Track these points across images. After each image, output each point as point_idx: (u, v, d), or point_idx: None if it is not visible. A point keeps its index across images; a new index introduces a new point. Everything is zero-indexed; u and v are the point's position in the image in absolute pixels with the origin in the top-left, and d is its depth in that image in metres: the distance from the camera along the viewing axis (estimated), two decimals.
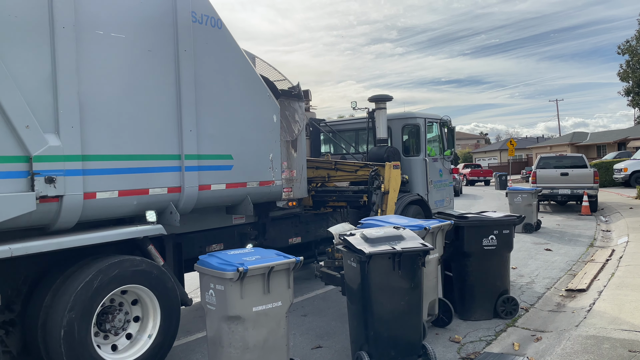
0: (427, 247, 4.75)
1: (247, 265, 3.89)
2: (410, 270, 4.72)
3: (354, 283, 4.83)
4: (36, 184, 3.74)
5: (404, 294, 4.69)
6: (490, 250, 5.99)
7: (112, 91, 4.34)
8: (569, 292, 7.06)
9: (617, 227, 12.77)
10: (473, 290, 6.04)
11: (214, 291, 4.01)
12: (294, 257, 4.21)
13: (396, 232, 4.99)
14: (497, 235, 5.99)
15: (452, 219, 6.20)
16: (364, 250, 4.54)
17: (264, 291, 4.00)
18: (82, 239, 3.97)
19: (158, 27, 4.70)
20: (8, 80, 3.64)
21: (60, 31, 3.95)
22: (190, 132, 4.87)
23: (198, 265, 4.21)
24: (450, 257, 6.17)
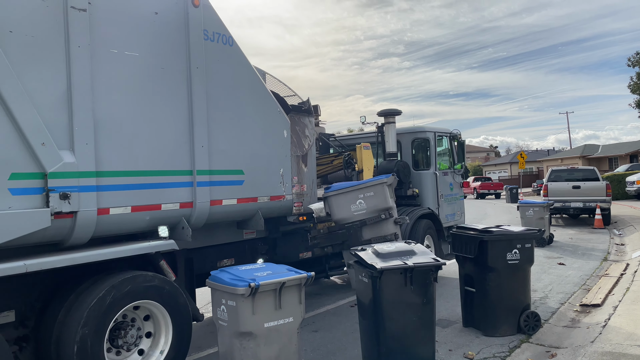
0: (439, 262, 4.68)
1: (258, 280, 3.88)
2: (423, 286, 4.66)
3: (366, 298, 4.78)
4: (51, 200, 3.78)
5: (416, 309, 4.64)
6: (514, 265, 5.89)
7: (125, 108, 4.40)
8: (584, 307, 6.97)
9: (631, 241, 12.68)
10: (498, 306, 5.93)
11: (226, 307, 4.00)
12: (305, 272, 4.18)
13: (407, 247, 4.94)
14: (520, 250, 5.90)
15: (461, 231, 6.19)
16: (376, 266, 4.50)
17: (276, 307, 3.98)
18: (95, 254, 4.00)
19: (171, 45, 4.77)
20: (25, 98, 3.70)
21: (76, 50, 4.02)
22: (202, 148, 4.91)
23: (210, 280, 4.19)
24: (473, 272, 6.08)
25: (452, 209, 10.11)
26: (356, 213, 6.20)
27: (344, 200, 6.19)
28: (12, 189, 3.63)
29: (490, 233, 5.96)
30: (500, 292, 5.92)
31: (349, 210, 6.21)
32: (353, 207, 6.16)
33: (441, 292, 7.61)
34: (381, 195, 6.18)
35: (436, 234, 8.92)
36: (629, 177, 26.51)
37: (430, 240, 8.77)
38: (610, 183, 18.45)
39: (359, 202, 6.16)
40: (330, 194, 6.26)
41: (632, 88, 33.89)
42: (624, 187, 26.29)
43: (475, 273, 6.09)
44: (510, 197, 31.71)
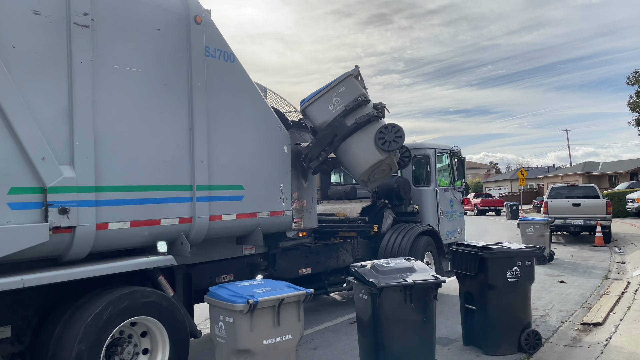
0: (439, 280, 4.67)
1: (257, 297, 3.86)
2: (422, 303, 4.64)
3: (365, 315, 4.76)
4: (50, 215, 3.77)
5: (416, 327, 4.62)
6: (514, 282, 5.87)
7: (126, 123, 4.41)
8: (585, 326, 6.95)
9: (632, 259, 12.69)
10: (498, 324, 5.90)
11: (224, 323, 3.96)
12: (304, 289, 4.15)
13: (407, 263, 4.94)
14: (520, 267, 5.89)
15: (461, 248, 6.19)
16: (375, 283, 4.48)
17: (274, 324, 3.95)
18: (93, 269, 3.97)
19: (172, 61, 4.80)
20: (26, 113, 3.72)
21: (78, 66, 4.05)
22: (202, 163, 4.91)
23: (208, 297, 4.16)
24: (473, 289, 6.06)
25: (453, 225, 10.08)
26: (334, 110, 6.49)
27: (321, 104, 6.51)
28: (11, 203, 3.62)
29: (491, 250, 5.94)
30: (500, 310, 5.89)
31: (329, 111, 6.50)
32: (330, 107, 6.47)
33: (441, 309, 7.59)
34: (352, 86, 6.54)
35: (436, 250, 8.89)
36: (629, 195, 26.60)
37: (430, 257, 8.74)
38: (610, 200, 18.51)
39: (335, 99, 6.47)
40: (307, 104, 6.56)
41: (632, 106, 34.12)
42: (625, 204, 26.35)
43: (475, 290, 6.06)
44: (510, 214, 31.74)
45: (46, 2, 3.94)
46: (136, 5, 4.57)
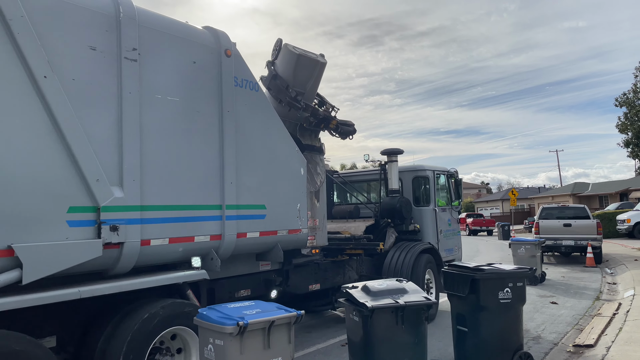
0: (431, 302, 4.77)
1: (247, 319, 3.89)
2: (414, 325, 4.69)
3: (356, 337, 4.82)
4: (102, 232, 4.29)
5: (408, 349, 4.66)
6: (505, 304, 5.92)
7: (166, 147, 4.97)
8: (577, 348, 7.09)
9: (623, 280, 13.00)
10: (490, 346, 5.94)
11: (213, 346, 3.99)
12: (295, 310, 4.23)
13: (399, 285, 5.01)
14: (511, 288, 5.95)
15: (452, 269, 6.33)
16: (367, 304, 4.55)
17: (265, 346, 3.98)
18: (140, 282, 4.51)
19: (206, 91, 5.39)
20: (84, 139, 4.25)
21: (127, 96, 4.61)
22: (230, 184, 5.48)
23: (197, 318, 4.22)
24: (465, 311, 6.13)
25: (451, 243, 10.73)
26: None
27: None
28: (70, 221, 4.13)
29: (482, 271, 6.01)
30: (492, 332, 5.94)
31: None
32: None
33: (433, 331, 7.71)
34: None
35: (436, 268, 9.44)
36: (619, 216, 27.46)
37: (431, 274, 9.30)
38: (601, 221, 19.05)
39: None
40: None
41: (620, 128, 35.40)
42: (615, 225, 27.17)
43: (467, 312, 6.11)
44: (502, 234, 32.26)
45: (101, 39, 4.50)
46: (175, 40, 5.17)
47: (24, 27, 3.95)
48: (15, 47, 3.92)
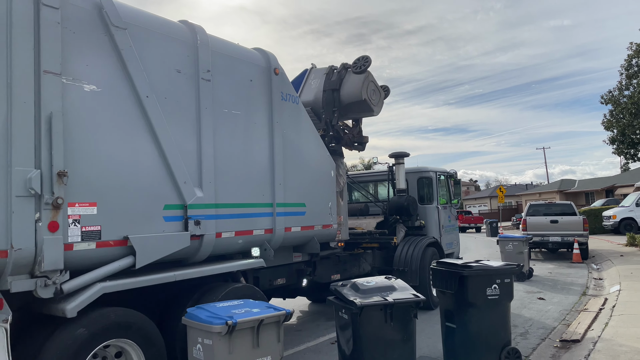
0: (420, 299, 4.99)
1: (236, 318, 4.03)
2: (403, 322, 4.90)
3: (346, 335, 5.04)
4: (189, 226, 5.44)
5: (397, 346, 4.87)
6: (493, 300, 6.18)
7: (231, 154, 6.13)
8: (564, 343, 7.50)
9: (609, 275, 13.84)
10: (478, 342, 6.21)
11: (202, 345, 4.11)
12: (284, 309, 4.43)
13: (388, 282, 5.24)
14: (499, 285, 6.20)
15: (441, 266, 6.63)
16: (356, 302, 4.75)
17: (253, 345, 4.13)
18: (221, 267, 5.74)
19: (260, 104, 6.60)
20: (175, 148, 5.39)
21: (204, 111, 5.77)
22: (279, 185, 6.70)
23: (186, 318, 4.39)
24: (453, 308, 6.41)
25: (451, 238, 12.24)
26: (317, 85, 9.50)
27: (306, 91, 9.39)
28: (165, 217, 5.28)
29: (470, 268, 6.24)
30: (480, 328, 6.19)
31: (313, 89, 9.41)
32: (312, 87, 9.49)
33: (423, 327, 8.17)
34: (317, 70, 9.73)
35: None
36: (605, 212, 28.93)
37: None
38: (587, 217, 20.12)
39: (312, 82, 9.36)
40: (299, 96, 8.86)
41: (606, 125, 37.09)
42: (601, 221, 28.63)
43: (455, 308, 6.37)
44: (490, 231, 33.68)
45: (184, 62, 5.64)
46: (237, 61, 6.36)
47: (131, 55, 5.08)
48: (125, 72, 5.03)
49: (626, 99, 34.96)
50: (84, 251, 4.53)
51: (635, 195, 28.22)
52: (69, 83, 4.54)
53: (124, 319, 4.70)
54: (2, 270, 4.03)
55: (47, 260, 4.18)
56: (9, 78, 4.12)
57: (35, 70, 4.28)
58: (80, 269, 4.55)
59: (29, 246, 4.10)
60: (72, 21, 4.65)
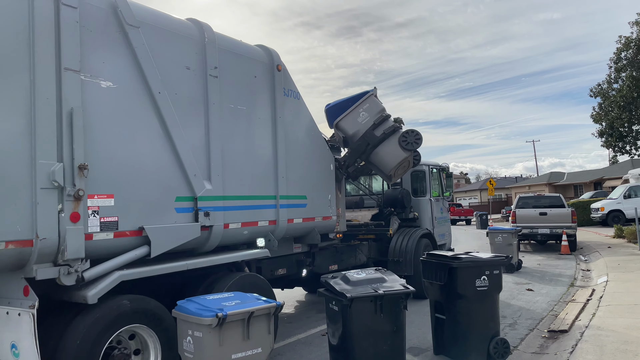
0: (409, 290, 5.11)
1: (226, 310, 4.06)
2: (393, 313, 4.99)
3: (336, 326, 5.13)
4: (199, 217, 5.76)
5: (387, 337, 4.96)
6: (482, 291, 6.30)
7: (237, 147, 6.46)
8: (552, 334, 7.64)
9: (597, 267, 14.21)
10: (467, 333, 6.35)
11: (192, 338, 4.17)
12: (274, 301, 4.53)
13: (377, 274, 5.35)
14: (488, 276, 6.31)
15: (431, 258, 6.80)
16: (346, 294, 4.84)
17: (244, 337, 4.16)
18: (229, 257, 6.10)
19: (263, 100, 6.93)
20: (185, 142, 5.70)
21: (212, 106, 6.08)
22: (282, 178, 7.04)
23: (176, 310, 4.43)
24: (443, 299, 6.54)
25: (443, 230, 12.70)
26: (364, 122, 8.88)
27: (351, 118, 8.86)
28: (177, 208, 5.60)
29: (460, 260, 6.38)
30: (469, 319, 6.33)
31: (358, 123, 8.91)
32: (360, 119, 8.83)
33: (412, 319, 8.29)
34: (374, 103, 8.98)
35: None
36: (593, 204, 29.63)
37: None
38: (575, 210, 20.56)
39: (362, 114, 8.85)
40: (339, 119, 8.93)
41: (595, 118, 37.85)
42: (589, 213, 29.32)
43: (445, 300, 6.50)
44: (480, 223, 34.28)
45: (193, 60, 5.94)
46: (242, 58, 6.68)
47: (144, 52, 5.36)
48: (139, 69, 5.32)
49: (615, 92, 35.69)
50: (102, 241, 4.85)
51: (623, 188, 28.87)
52: (87, 80, 4.83)
53: (141, 305, 5.02)
54: (27, 258, 4.33)
55: (70, 249, 4.48)
56: (32, 75, 4.39)
57: (57, 68, 4.56)
58: (98, 257, 4.86)
59: (52, 236, 4.40)
60: (89, 20, 4.93)
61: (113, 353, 4.85)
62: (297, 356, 6.99)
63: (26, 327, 4.30)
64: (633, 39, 33.94)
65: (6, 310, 4.52)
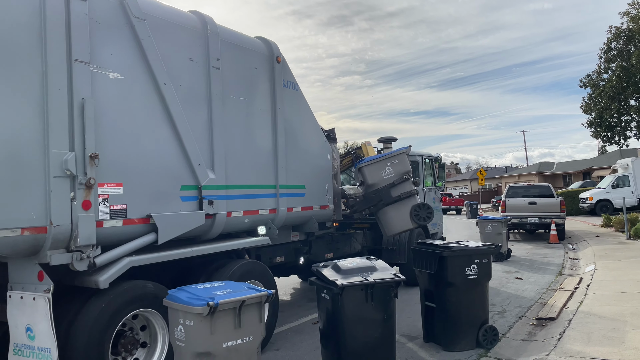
0: (400, 278, 5.16)
1: (217, 299, 4.11)
2: (383, 302, 5.07)
3: (327, 315, 5.20)
4: (203, 205, 5.98)
5: (377, 325, 5.04)
6: (472, 280, 6.46)
7: (239, 137, 6.68)
8: (540, 321, 7.83)
9: (585, 255, 14.56)
10: (457, 321, 6.49)
11: (184, 327, 4.22)
12: (265, 290, 4.58)
13: (368, 263, 5.40)
14: (478, 265, 6.46)
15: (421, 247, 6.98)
16: (337, 282, 4.90)
17: (235, 326, 4.21)
18: (232, 244, 6.35)
19: (263, 91, 7.14)
20: (190, 132, 5.90)
21: (214, 97, 6.28)
22: (282, 168, 7.28)
23: (167, 300, 4.48)
24: (433, 287, 6.70)
25: (435, 219, 12.87)
26: (386, 177, 8.91)
27: (375, 168, 8.83)
28: (182, 197, 5.82)
29: (450, 249, 6.51)
30: (459, 307, 6.47)
31: (380, 176, 8.93)
32: (383, 173, 8.81)
33: (403, 307, 8.49)
34: (403, 161, 8.94)
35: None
36: (582, 194, 30.28)
37: None
38: (564, 199, 21.13)
39: (387, 168, 8.84)
40: (364, 165, 8.88)
41: (584, 108, 38.33)
42: (578, 203, 29.98)
43: (435, 288, 6.64)
44: (470, 213, 34.91)
45: (196, 51, 6.13)
46: (243, 50, 6.88)
47: (150, 44, 5.54)
48: (145, 61, 5.50)
49: (605, 83, 36.13)
50: (112, 228, 5.06)
51: (611, 178, 29.43)
52: (96, 71, 5.01)
53: (149, 290, 5.26)
54: (42, 244, 4.53)
55: (82, 236, 4.69)
56: (44, 66, 4.56)
57: (68, 59, 4.73)
58: (108, 244, 5.07)
59: (65, 223, 4.60)
60: (97, 12, 5.09)
61: (124, 333, 5.13)
62: (289, 344, 7.13)
63: (42, 310, 4.51)
64: (623, 29, 34.36)
65: (20, 295, 4.72)
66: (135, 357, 5.31)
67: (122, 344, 5.13)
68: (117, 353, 5.10)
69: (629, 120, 37.18)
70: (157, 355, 5.37)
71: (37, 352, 4.58)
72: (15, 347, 4.79)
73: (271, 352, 6.78)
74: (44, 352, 4.52)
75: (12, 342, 4.81)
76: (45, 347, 4.51)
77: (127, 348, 5.18)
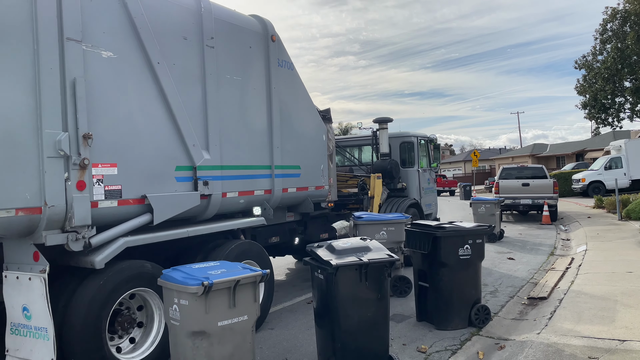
0: (394, 258, 5.19)
1: (212, 279, 4.14)
2: (377, 281, 5.10)
3: (321, 294, 5.24)
4: (199, 186, 5.99)
5: (371, 305, 5.08)
6: (465, 260, 6.56)
7: (234, 117, 6.67)
8: (531, 300, 7.93)
9: (576, 236, 14.65)
10: (450, 300, 6.59)
11: (178, 306, 4.25)
12: (260, 269, 4.64)
13: (363, 243, 5.45)
14: (471, 245, 6.55)
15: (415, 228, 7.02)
16: (331, 262, 4.93)
17: (230, 305, 4.26)
18: (227, 224, 6.39)
19: (258, 71, 7.11)
20: (184, 112, 5.89)
21: (209, 77, 6.26)
22: (277, 148, 7.28)
23: (162, 279, 4.49)
24: (426, 267, 6.77)
25: (430, 199, 13.17)
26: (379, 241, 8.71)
27: (371, 229, 8.42)
28: (177, 177, 5.82)
29: (443, 229, 6.60)
30: (452, 287, 6.57)
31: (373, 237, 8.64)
32: (377, 236, 8.32)
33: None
34: (400, 230, 8.48)
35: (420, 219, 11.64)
36: (575, 175, 30.42)
37: None
38: (557, 181, 21.12)
39: (382, 232, 8.51)
40: (361, 223, 8.50)
41: (579, 90, 38.35)
42: (571, 184, 30.12)
43: (428, 268, 6.73)
44: (464, 194, 34.81)
45: (190, 30, 6.09)
46: (237, 28, 6.82)
47: (143, 22, 5.49)
48: (138, 39, 5.46)
49: (600, 64, 36.14)
50: (107, 209, 5.07)
51: (604, 159, 29.61)
52: (88, 50, 4.97)
53: (147, 270, 5.31)
54: (37, 225, 4.54)
55: (77, 216, 4.70)
56: (36, 44, 4.51)
57: (59, 38, 4.68)
58: (103, 225, 5.09)
59: (60, 203, 4.61)
60: None
61: (121, 312, 5.19)
62: (283, 323, 7.21)
63: (38, 291, 4.55)
64: (619, 10, 34.31)
65: (16, 275, 4.75)
66: (132, 336, 5.37)
67: (119, 322, 5.19)
68: (113, 331, 5.16)
69: (623, 102, 37.28)
70: (154, 334, 5.44)
71: (34, 331, 4.63)
72: (12, 326, 4.83)
73: (266, 331, 6.84)
74: (40, 332, 4.57)
75: (9, 321, 4.86)
76: (42, 326, 4.55)
77: (123, 326, 5.24)
